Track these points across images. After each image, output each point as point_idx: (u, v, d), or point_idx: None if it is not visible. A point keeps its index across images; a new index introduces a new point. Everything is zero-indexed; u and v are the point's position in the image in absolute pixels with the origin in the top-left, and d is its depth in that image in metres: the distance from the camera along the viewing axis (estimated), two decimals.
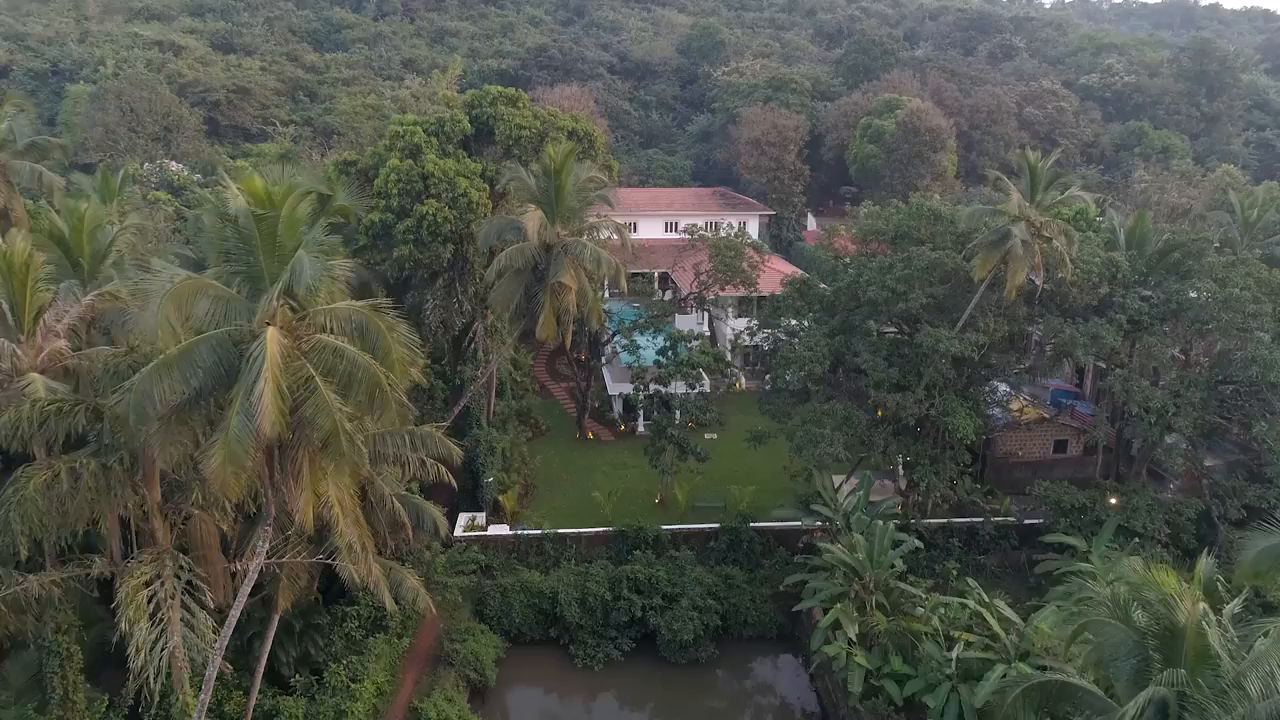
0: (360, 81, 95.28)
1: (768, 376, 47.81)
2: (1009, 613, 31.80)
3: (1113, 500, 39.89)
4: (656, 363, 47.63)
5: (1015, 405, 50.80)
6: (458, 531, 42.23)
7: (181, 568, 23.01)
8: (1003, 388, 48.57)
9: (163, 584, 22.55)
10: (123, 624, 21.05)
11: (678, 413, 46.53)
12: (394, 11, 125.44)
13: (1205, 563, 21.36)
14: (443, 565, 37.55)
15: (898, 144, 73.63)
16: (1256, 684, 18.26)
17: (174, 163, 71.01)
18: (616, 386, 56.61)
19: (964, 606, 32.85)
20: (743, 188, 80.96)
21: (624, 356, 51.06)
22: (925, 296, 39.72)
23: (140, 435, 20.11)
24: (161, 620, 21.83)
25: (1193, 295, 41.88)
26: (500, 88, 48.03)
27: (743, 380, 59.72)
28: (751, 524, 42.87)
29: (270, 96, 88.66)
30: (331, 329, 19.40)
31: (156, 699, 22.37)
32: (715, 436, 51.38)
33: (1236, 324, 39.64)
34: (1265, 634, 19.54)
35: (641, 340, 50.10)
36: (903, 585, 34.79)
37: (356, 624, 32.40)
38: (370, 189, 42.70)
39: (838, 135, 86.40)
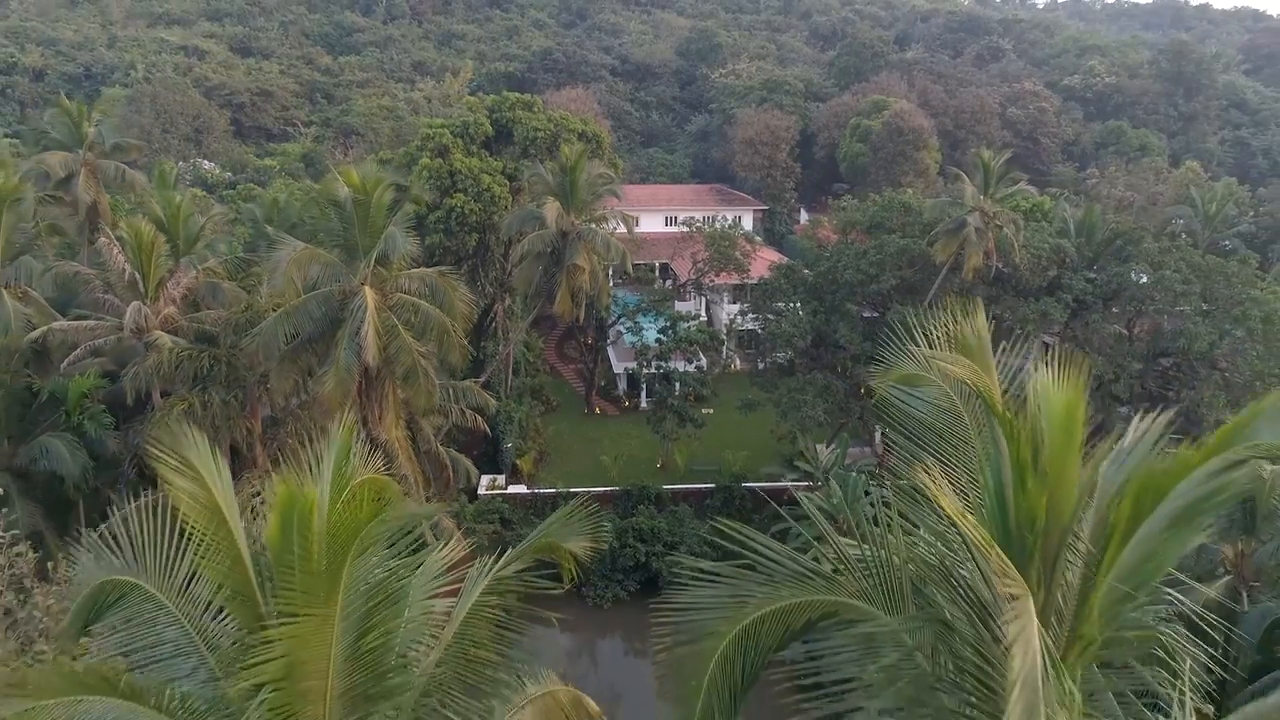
0: (374, 84, 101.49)
1: (759, 357, 54.09)
2: None
3: None
4: (658, 341, 53.88)
5: None
6: (481, 490, 48.42)
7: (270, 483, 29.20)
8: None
9: (263, 500, 28.78)
10: None
11: (677, 385, 52.78)
12: (402, 15, 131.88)
13: None
14: (471, 513, 43.76)
15: (882, 143, 79.99)
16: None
17: (205, 161, 77.27)
18: (621, 365, 62.85)
19: None
20: (738, 185, 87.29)
21: (627, 337, 57.29)
22: (895, 279, 46.02)
23: (255, 374, 26.40)
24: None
25: (1134, 277, 48.26)
26: (518, 94, 54.36)
27: (737, 361, 66.01)
28: (743, 484, 49.06)
29: (290, 98, 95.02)
30: (409, 289, 25.70)
31: None
32: (711, 410, 57.61)
33: (1168, 302, 45.97)
34: None
35: (644, 322, 56.38)
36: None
37: None
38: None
39: (829, 135, 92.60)
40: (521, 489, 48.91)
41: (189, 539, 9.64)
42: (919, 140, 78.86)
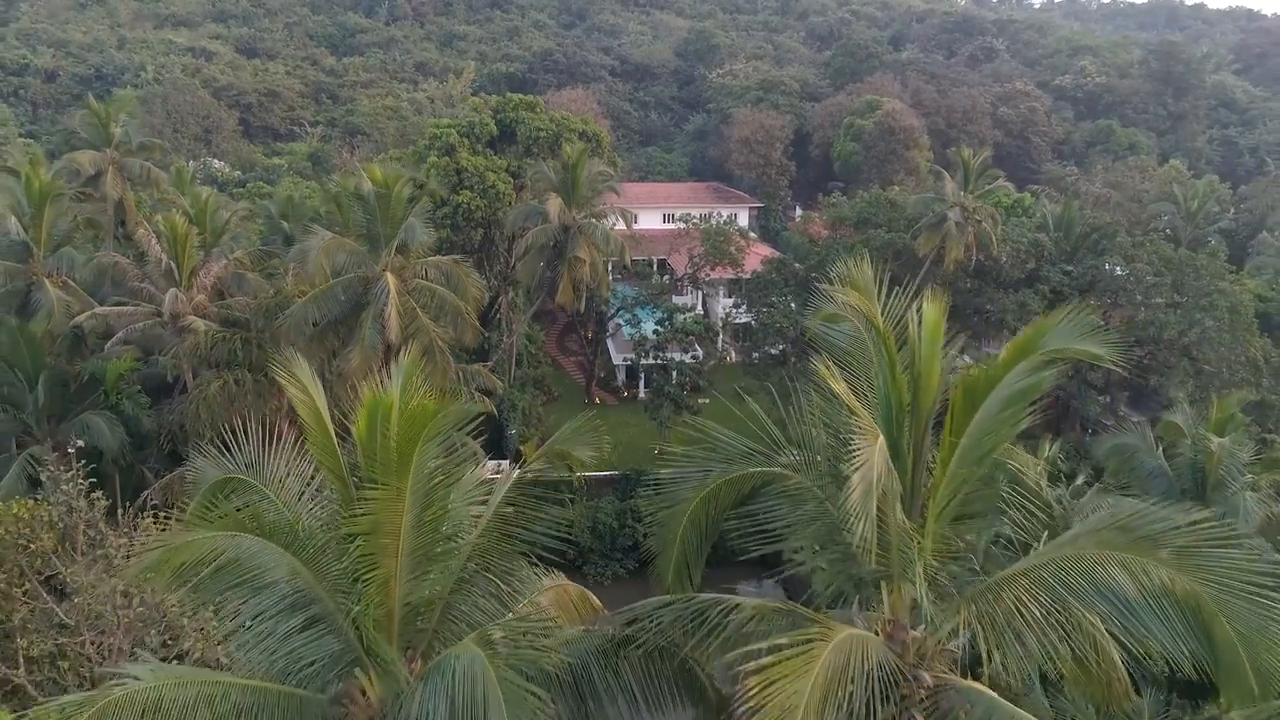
0: (377, 84, 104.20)
1: (752, 349, 56.82)
2: None
3: None
4: (655, 333, 56.61)
5: (972, 371, 60.05)
6: (487, 474, 51.19)
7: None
8: (965, 358, 57.73)
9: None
10: None
11: (674, 374, 55.51)
12: (404, 16, 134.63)
13: (1052, 446, 30.31)
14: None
15: (874, 142, 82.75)
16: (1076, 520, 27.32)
17: (216, 160, 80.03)
18: (620, 357, 65.59)
19: None
20: (734, 182, 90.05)
21: (626, 329, 60.02)
22: (880, 271, 48.65)
23: (284, 353, 29.06)
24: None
25: (1109, 270, 51.01)
26: (520, 96, 57.09)
27: (732, 354, 68.74)
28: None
29: (296, 99, 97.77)
30: (427, 275, 28.43)
31: None
32: (707, 400, 60.37)
33: (1140, 293, 48.73)
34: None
35: (642, 314, 59.11)
36: None
37: None
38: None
39: (824, 134, 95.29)
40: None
41: (278, 450, 12.46)
42: (910, 139, 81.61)
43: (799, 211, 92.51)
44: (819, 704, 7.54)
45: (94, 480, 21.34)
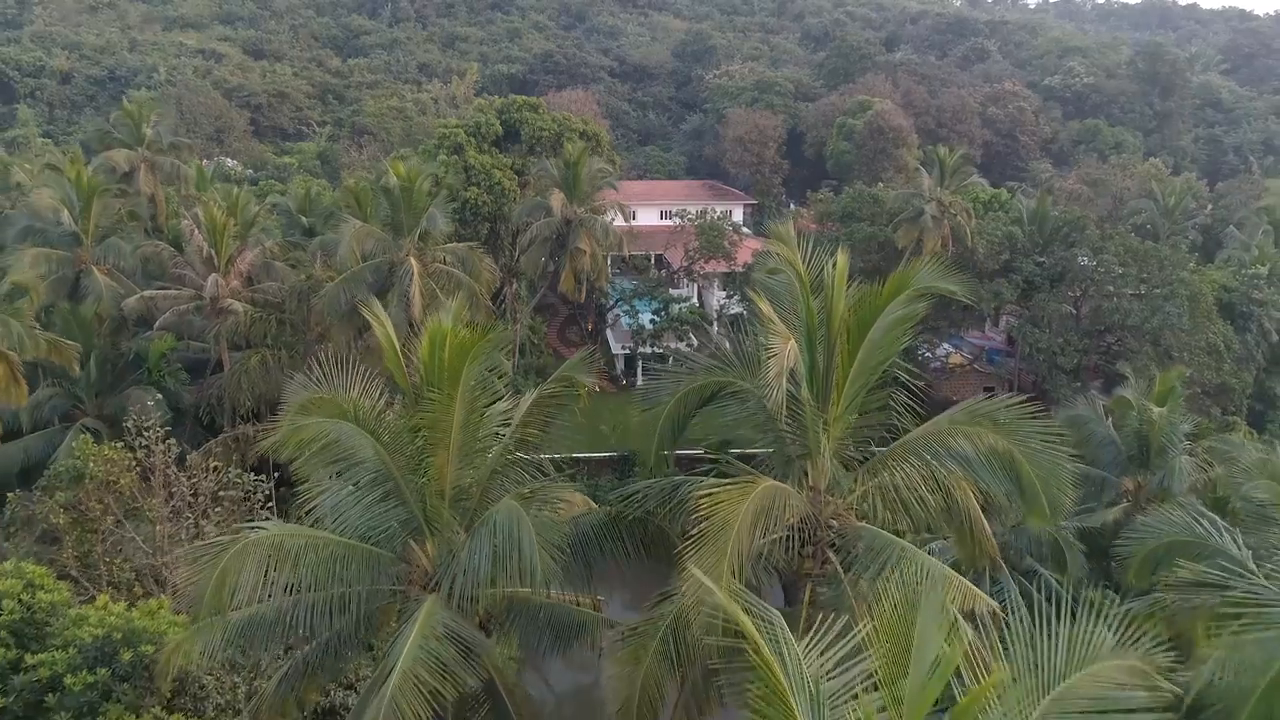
0: (382, 85, 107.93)
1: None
2: None
3: None
4: (652, 322, 60.29)
5: (954, 359, 63.91)
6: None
7: None
8: (945, 346, 61.62)
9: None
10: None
11: (670, 360, 59.21)
12: (407, 18, 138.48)
13: None
14: None
15: (865, 141, 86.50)
16: None
17: (229, 159, 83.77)
18: (618, 346, 69.29)
19: None
20: (730, 181, 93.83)
21: (625, 320, 63.67)
22: (862, 262, 52.43)
23: (313, 333, 32.78)
24: None
25: (1083, 261, 54.70)
26: (524, 97, 60.83)
27: (727, 345, 72.47)
28: (731, 450, 55.55)
29: (303, 99, 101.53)
30: (444, 260, 32.13)
31: None
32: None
33: (1108, 282, 52.42)
34: None
35: (639, 306, 62.79)
36: None
37: None
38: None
39: (818, 133, 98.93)
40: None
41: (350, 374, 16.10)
42: (899, 139, 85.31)
43: (794, 208, 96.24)
44: (750, 525, 11.14)
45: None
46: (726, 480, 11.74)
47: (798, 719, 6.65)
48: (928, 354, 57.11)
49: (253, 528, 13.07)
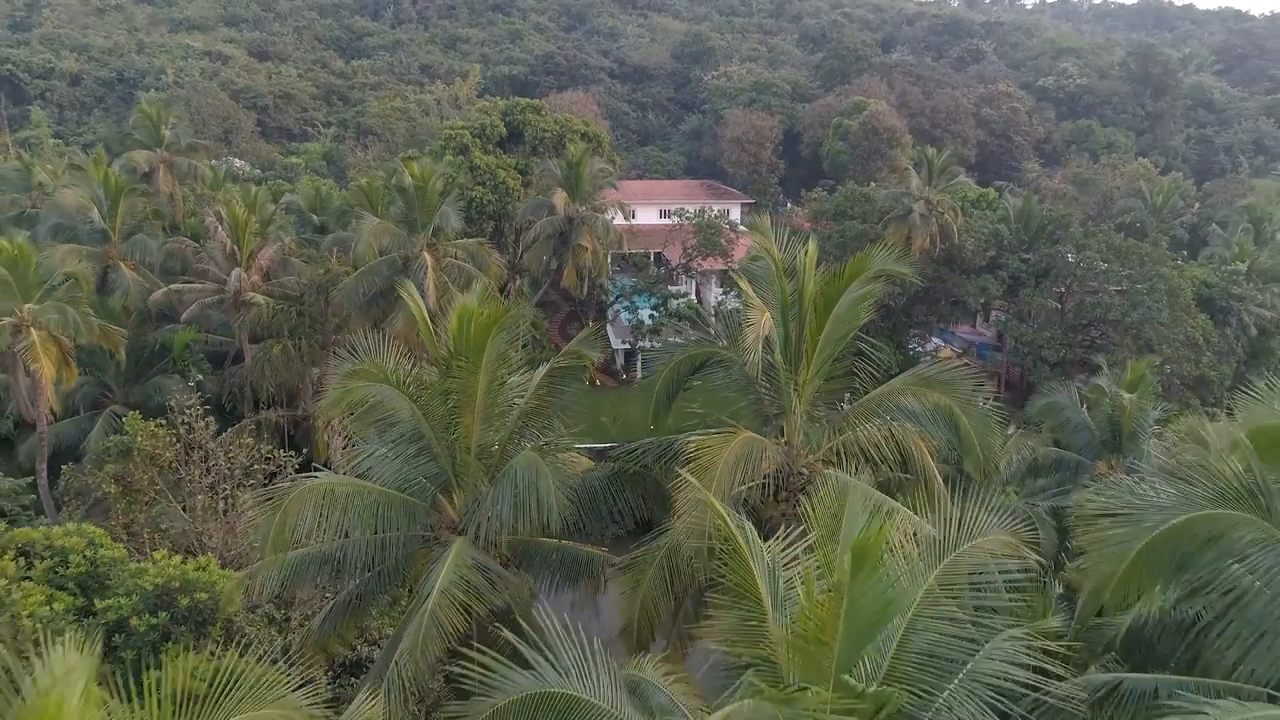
0: (385, 86, 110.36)
1: None
2: None
3: None
4: (651, 317, 62.61)
5: (944, 353, 66.27)
6: None
7: (344, 415, 38.02)
8: (935, 340, 64.04)
9: (330, 424, 37.54)
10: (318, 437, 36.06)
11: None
12: (409, 20, 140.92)
13: (985, 403, 36.33)
14: None
15: (859, 141, 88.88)
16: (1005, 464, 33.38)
17: (237, 160, 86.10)
18: (618, 341, 71.63)
19: None
20: (728, 180, 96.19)
21: (624, 315, 66.01)
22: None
23: (331, 324, 35.11)
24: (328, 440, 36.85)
25: (1068, 258, 57.02)
26: (527, 100, 63.21)
27: (723, 341, 74.82)
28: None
29: (308, 100, 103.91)
30: (456, 254, 34.45)
31: None
32: (700, 381, 66.46)
33: (1090, 277, 54.77)
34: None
35: (639, 302, 65.12)
36: None
37: None
38: None
39: (814, 133, 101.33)
40: None
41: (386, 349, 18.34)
42: (893, 139, 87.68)
43: (789, 207, 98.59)
44: (731, 468, 13.43)
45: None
46: (713, 431, 14.07)
47: (759, 583, 8.96)
48: (918, 349, 59.52)
49: (307, 477, 15.39)
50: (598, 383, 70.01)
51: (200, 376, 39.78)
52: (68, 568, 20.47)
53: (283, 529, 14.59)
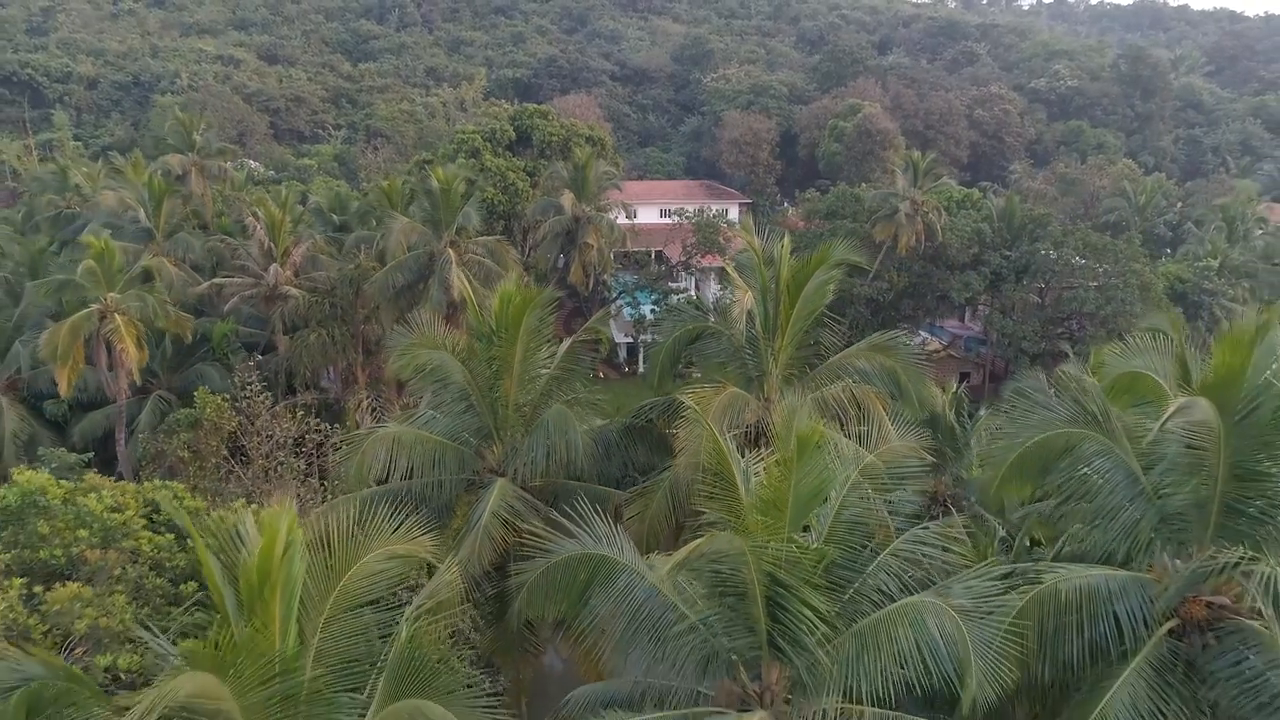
0: (392, 89, 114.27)
1: None
2: None
3: None
4: (652, 312, 66.46)
5: (930, 346, 70.20)
6: None
7: (371, 398, 41.86)
8: (923, 334, 68.00)
9: (360, 405, 41.43)
10: (350, 420, 39.88)
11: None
12: (414, 23, 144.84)
13: (959, 386, 40.16)
14: None
15: (853, 143, 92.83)
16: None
17: (252, 161, 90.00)
18: (621, 336, 75.56)
19: None
20: (727, 180, 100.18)
21: (627, 311, 69.90)
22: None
23: (361, 315, 38.96)
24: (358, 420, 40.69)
25: (1047, 255, 60.92)
26: (535, 105, 67.14)
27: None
28: None
29: (318, 103, 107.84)
30: (476, 251, 38.31)
31: None
32: (699, 374, 70.34)
33: (1068, 273, 58.68)
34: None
35: (640, 298, 69.01)
36: None
37: None
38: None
39: (810, 135, 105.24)
40: None
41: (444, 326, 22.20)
42: (886, 141, 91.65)
43: (785, 206, 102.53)
44: (719, 414, 17.28)
45: None
46: (705, 385, 17.98)
47: (734, 471, 12.82)
48: (905, 342, 63.54)
49: (379, 427, 19.27)
50: (602, 375, 73.93)
51: (250, 360, 44.04)
52: (159, 515, 24.32)
53: (362, 466, 18.45)
